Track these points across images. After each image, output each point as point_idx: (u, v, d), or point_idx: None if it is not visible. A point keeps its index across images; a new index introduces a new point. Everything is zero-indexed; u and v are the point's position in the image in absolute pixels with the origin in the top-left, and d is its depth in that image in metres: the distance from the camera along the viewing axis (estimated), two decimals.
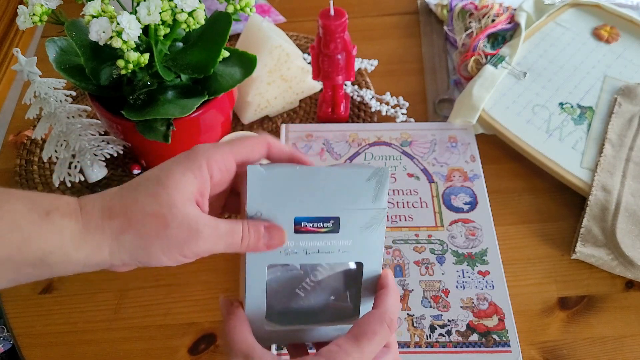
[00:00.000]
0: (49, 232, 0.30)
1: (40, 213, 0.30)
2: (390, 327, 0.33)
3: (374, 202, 0.34)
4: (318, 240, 0.34)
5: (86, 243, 0.31)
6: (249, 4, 0.53)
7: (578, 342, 0.52)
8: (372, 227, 0.35)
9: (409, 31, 0.83)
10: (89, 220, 0.31)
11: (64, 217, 0.30)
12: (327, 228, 0.34)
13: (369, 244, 0.35)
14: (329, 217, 0.34)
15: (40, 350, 0.53)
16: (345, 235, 0.34)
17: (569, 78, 0.69)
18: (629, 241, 0.55)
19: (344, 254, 0.35)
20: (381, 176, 0.34)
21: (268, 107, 0.70)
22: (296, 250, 0.34)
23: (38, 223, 0.30)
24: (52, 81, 0.60)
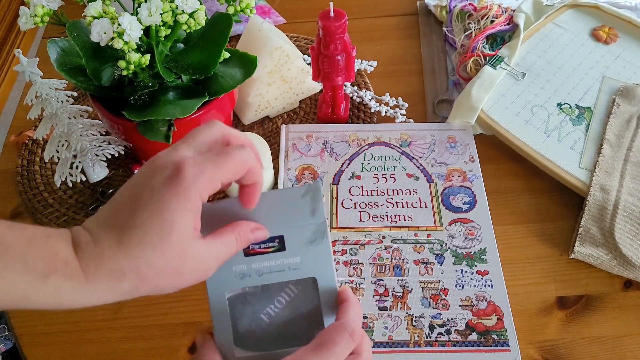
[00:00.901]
0: (48, 294, 0.30)
1: (37, 275, 0.29)
2: (352, 336, 0.34)
3: (312, 217, 0.36)
4: (268, 261, 0.36)
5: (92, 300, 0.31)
6: (249, 5, 0.54)
7: (576, 342, 0.52)
8: (316, 241, 0.36)
9: (408, 32, 0.83)
10: (96, 284, 0.30)
11: (65, 280, 0.30)
12: (274, 247, 0.36)
13: (317, 259, 0.36)
14: (273, 236, 0.36)
15: (41, 349, 0.53)
16: (292, 252, 0.36)
17: (567, 79, 0.69)
18: (627, 241, 0.55)
19: (295, 271, 0.36)
20: (314, 191, 0.36)
21: (268, 108, 0.70)
22: (250, 273, 0.36)
23: (35, 285, 0.29)
24: (53, 82, 0.61)
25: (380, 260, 0.55)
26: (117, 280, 0.31)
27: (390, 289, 0.53)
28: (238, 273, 0.36)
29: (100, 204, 0.62)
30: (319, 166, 0.63)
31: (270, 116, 0.71)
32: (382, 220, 0.58)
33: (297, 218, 0.36)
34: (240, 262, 0.36)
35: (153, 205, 0.31)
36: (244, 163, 0.33)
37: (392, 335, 0.51)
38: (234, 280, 0.36)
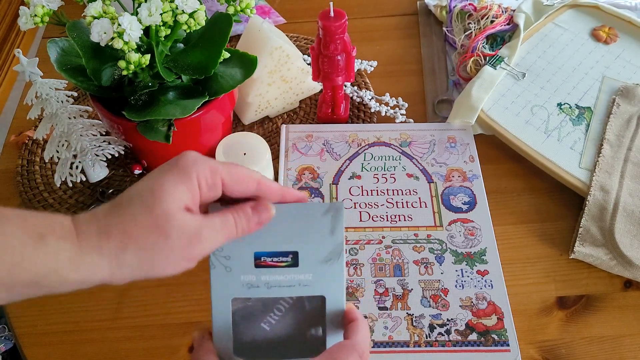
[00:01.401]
0: (43, 255, 0.29)
1: (33, 236, 0.30)
2: (361, 358, 0.33)
3: (331, 236, 0.35)
4: (279, 275, 0.35)
5: (84, 264, 0.30)
6: (249, 5, 0.54)
7: (576, 342, 0.52)
8: (331, 260, 0.36)
9: (408, 32, 0.83)
10: (86, 242, 0.31)
11: (60, 239, 0.30)
12: (286, 262, 0.35)
13: (329, 278, 0.36)
14: (287, 251, 0.35)
15: (42, 349, 0.53)
16: (304, 269, 0.35)
17: (567, 79, 0.69)
18: (627, 241, 0.55)
19: (305, 288, 0.36)
20: (336, 210, 0.35)
21: (268, 108, 0.70)
22: (258, 284, 0.35)
23: (32, 246, 0.29)
24: (53, 82, 0.61)
25: (380, 260, 0.55)
26: (106, 238, 0.31)
27: (390, 289, 0.53)
28: (246, 283, 0.35)
29: (100, 204, 0.62)
30: (319, 166, 0.63)
31: (270, 116, 0.71)
32: (382, 220, 0.58)
33: (315, 235, 0.35)
34: (250, 272, 0.35)
35: (151, 178, 0.33)
36: (250, 176, 0.34)
37: (392, 335, 0.51)
38: (241, 288, 0.35)
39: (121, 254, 0.31)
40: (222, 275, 0.35)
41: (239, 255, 0.35)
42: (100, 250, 0.31)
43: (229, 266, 0.35)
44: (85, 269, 0.31)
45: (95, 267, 0.31)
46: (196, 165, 0.32)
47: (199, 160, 0.33)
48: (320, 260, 0.35)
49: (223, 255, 0.35)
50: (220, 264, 0.35)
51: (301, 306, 0.37)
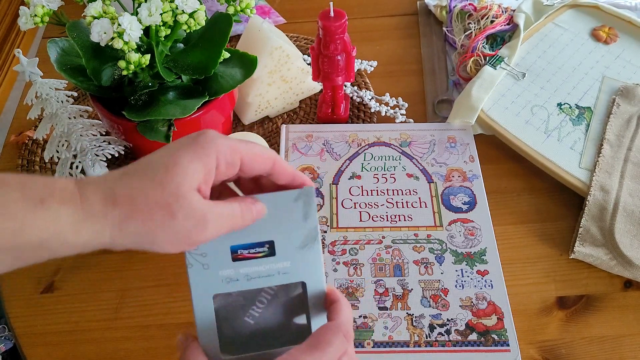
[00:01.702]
0: (44, 220, 0.29)
1: (34, 200, 0.29)
2: (346, 337, 0.33)
3: (304, 221, 0.35)
4: (257, 266, 0.35)
5: (86, 229, 0.30)
6: (249, 5, 0.54)
7: (576, 342, 0.52)
8: (307, 246, 0.35)
9: (408, 32, 0.83)
10: (90, 207, 0.30)
11: (61, 204, 0.30)
12: (263, 252, 0.35)
13: (307, 263, 0.36)
14: (263, 241, 0.35)
15: (42, 349, 0.53)
16: (282, 257, 0.35)
17: (567, 79, 0.69)
18: (627, 241, 0.55)
19: (284, 276, 0.36)
20: (307, 195, 0.35)
21: (268, 108, 0.70)
22: (237, 277, 0.35)
23: (32, 211, 0.29)
24: (53, 82, 0.61)
25: (380, 260, 0.55)
26: (112, 205, 0.30)
27: (390, 289, 0.53)
28: (225, 277, 0.35)
29: None
30: (319, 166, 0.63)
31: (270, 116, 0.71)
32: (382, 220, 0.58)
33: (288, 223, 0.35)
34: (228, 267, 0.35)
35: (167, 151, 0.32)
36: (268, 155, 0.34)
37: (392, 335, 0.51)
38: (221, 284, 0.35)
39: (125, 223, 0.30)
40: (200, 273, 0.34)
41: (215, 251, 0.34)
42: (105, 216, 0.30)
43: (206, 263, 0.34)
44: (87, 233, 0.30)
45: (97, 232, 0.30)
46: (216, 143, 0.32)
47: (220, 139, 0.32)
48: (297, 246, 0.35)
49: (199, 253, 0.34)
50: (197, 262, 0.34)
51: (283, 295, 0.37)
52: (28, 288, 0.57)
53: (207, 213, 0.31)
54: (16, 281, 0.57)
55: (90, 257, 0.59)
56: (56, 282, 0.57)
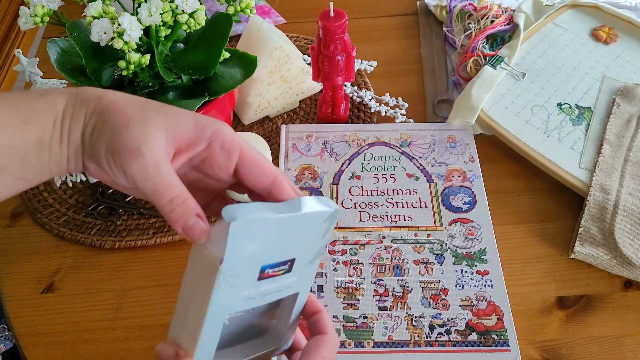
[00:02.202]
0: (43, 108, 0.31)
1: (35, 94, 0.31)
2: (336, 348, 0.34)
3: (322, 239, 0.34)
4: (274, 283, 0.34)
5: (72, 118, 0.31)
6: (249, 5, 0.54)
7: (576, 342, 0.52)
8: (314, 260, 0.35)
9: (408, 32, 0.83)
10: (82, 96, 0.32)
11: (57, 95, 0.31)
12: (284, 270, 0.34)
13: (309, 276, 0.36)
14: (287, 260, 0.33)
15: (42, 349, 0.53)
16: (295, 273, 0.34)
17: (567, 79, 0.69)
18: (627, 241, 0.55)
19: (288, 289, 0.35)
20: (334, 217, 0.34)
21: (268, 108, 0.70)
22: (255, 295, 0.33)
23: (33, 104, 0.31)
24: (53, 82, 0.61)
25: (380, 260, 0.55)
26: (98, 97, 0.31)
27: (390, 289, 0.53)
28: (245, 296, 0.33)
29: (100, 204, 0.62)
30: (319, 166, 0.63)
31: (270, 116, 0.71)
32: (382, 220, 0.58)
33: (310, 240, 0.34)
34: (252, 287, 0.33)
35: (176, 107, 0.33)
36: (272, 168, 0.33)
37: (392, 335, 0.51)
38: (240, 302, 0.33)
39: (94, 118, 0.31)
40: (225, 294, 0.32)
41: (247, 272, 0.32)
42: (87, 105, 0.31)
43: (234, 284, 0.32)
44: (72, 122, 0.31)
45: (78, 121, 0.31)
46: (218, 126, 0.32)
47: (224, 125, 0.32)
48: (307, 262, 0.35)
49: (233, 275, 0.31)
50: (227, 283, 0.31)
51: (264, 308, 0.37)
52: (28, 288, 0.57)
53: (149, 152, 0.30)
54: (16, 281, 0.57)
55: (90, 257, 0.59)
56: (56, 282, 0.57)
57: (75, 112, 0.31)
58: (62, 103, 0.31)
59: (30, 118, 0.31)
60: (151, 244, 0.59)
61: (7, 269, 0.58)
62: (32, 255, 0.59)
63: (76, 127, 0.31)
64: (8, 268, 0.58)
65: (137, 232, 0.59)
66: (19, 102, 0.31)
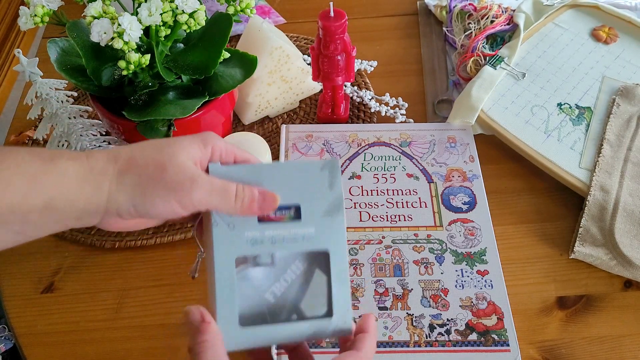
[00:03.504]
0: (53, 175, 0.31)
1: (44, 159, 0.32)
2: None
3: (330, 190, 0.36)
4: (282, 229, 0.35)
5: (89, 182, 0.32)
6: (249, 5, 0.54)
7: (576, 342, 0.52)
8: (331, 214, 0.36)
9: (408, 32, 0.83)
10: (95, 163, 0.33)
11: (69, 160, 0.32)
12: (289, 216, 0.36)
13: (331, 231, 0.36)
14: (289, 205, 0.35)
15: (42, 349, 0.53)
16: (307, 222, 0.36)
17: (567, 79, 0.69)
18: (627, 241, 0.55)
19: (308, 242, 0.36)
20: (332, 166, 0.36)
21: (268, 108, 0.70)
22: (262, 240, 0.35)
23: (42, 168, 0.31)
24: (53, 82, 0.61)
25: (380, 260, 0.55)
26: (113, 161, 0.33)
27: (390, 289, 0.53)
28: (250, 239, 0.35)
29: None
30: None
31: (270, 116, 0.71)
32: (382, 220, 0.58)
33: (314, 189, 0.36)
34: (253, 228, 0.35)
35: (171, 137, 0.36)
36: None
37: (392, 335, 0.51)
38: (246, 246, 0.35)
39: (121, 177, 0.32)
40: (225, 233, 0.34)
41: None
42: (106, 170, 0.33)
43: (232, 223, 0.34)
44: (89, 187, 0.32)
45: (98, 186, 0.32)
46: (215, 140, 0.35)
47: (218, 138, 0.36)
48: (322, 213, 0.36)
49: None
50: (223, 221, 0.34)
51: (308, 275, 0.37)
52: (28, 288, 0.57)
53: (198, 176, 0.33)
54: (16, 281, 0.57)
55: (90, 257, 0.59)
56: (56, 282, 0.57)
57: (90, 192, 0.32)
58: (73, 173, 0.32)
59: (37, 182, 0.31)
60: (151, 244, 0.59)
61: (7, 269, 0.58)
62: (32, 255, 0.59)
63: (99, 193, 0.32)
64: (8, 268, 0.58)
65: (137, 232, 0.59)
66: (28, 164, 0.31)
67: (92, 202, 0.32)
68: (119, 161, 0.33)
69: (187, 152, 0.34)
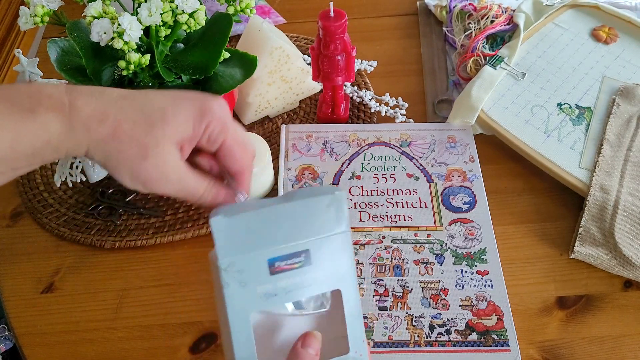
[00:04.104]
0: (36, 130, 0.31)
1: (24, 112, 0.31)
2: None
3: (337, 226, 0.35)
4: (294, 277, 0.34)
5: (70, 138, 0.32)
6: (249, 5, 0.54)
7: (576, 342, 0.52)
8: (340, 251, 0.35)
9: (408, 32, 0.83)
10: (78, 117, 0.32)
11: (48, 112, 0.32)
12: (300, 262, 0.34)
13: (341, 268, 0.35)
14: (299, 251, 0.34)
15: (42, 349, 0.53)
16: (318, 265, 0.34)
17: (567, 79, 0.69)
18: (627, 241, 0.55)
19: (321, 285, 0.35)
20: (338, 201, 0.34)
21: (268, 108, 0.70)
22: (276, 292, 0.33)
23: (22, 122, 0.31)
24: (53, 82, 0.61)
25: (380, 260, 0.55)
26: (98, 122, 0.32)
27: (390, 289, 0.53)
28: (263, 294, 0.33)
29: (100, 204, 0.62)
30: (319, 166, 0.63)
31: (270, 116, 0.71)
32: (382, 220, 0.58)
33: (322, 229, 0.34)
34: (266, 282, 0.33)
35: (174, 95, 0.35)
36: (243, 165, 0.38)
37: (392, 335, 0.51)
38: (259, 301, 0.33)
39: (103, 143, 0.33)
40: (237, 292, 0.32)
41: (251, 266, 0.33)
42: (89, 130, 0.32)
43: (243, 280, 0.33)
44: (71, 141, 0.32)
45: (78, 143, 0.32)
46: (214, 114, 0.35)
47: (219, 113, 0.36)
48: (331, 252, 0.35)
49: (236, 270, 0.32)
50: (234, 280, 0.32)
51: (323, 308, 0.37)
52: (28, 288, 0.57)
53: (172, 172, 0.34)
54: (16, 281, 0.57)
55: (90, 257, 0.59)
56: (56, 282, 0.57)
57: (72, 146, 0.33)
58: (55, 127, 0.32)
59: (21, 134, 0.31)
60: (151, 244, 0.59)
61: (7, 269, 0.58)
62: (32, 255, 0.59)
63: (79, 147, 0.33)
64: (8, 268, 0.58)
65: (137, 232, 0.59)
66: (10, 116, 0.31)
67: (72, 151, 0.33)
68: (104, 124, 0.32)
69: (176, 135, 0.34)
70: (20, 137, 0.31)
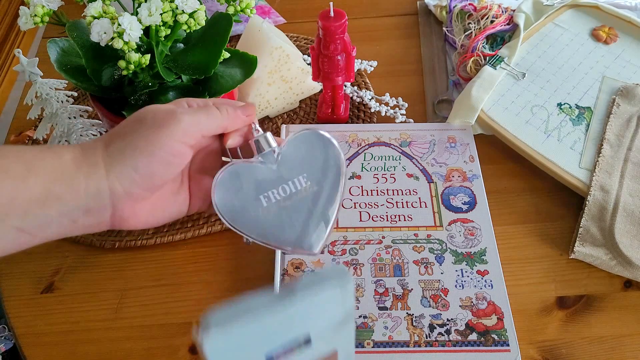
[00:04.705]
0: (49, 158, 0.32)
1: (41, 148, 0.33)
2: None
3: (341, 307, 0.32)
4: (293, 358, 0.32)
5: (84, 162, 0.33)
6: (249, 5, 0.54)
7: (576, 342, 0.52)
8: (342, 325, 0.34)
9: (408, 32, 0.83)
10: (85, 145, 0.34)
11: (63, 147, 0.34)
12: (299, 347, 0.32)
13: (340, 336, 0.35)
14: (299, 338, 0.32)
15: (42, 349, 0.53)
16: (317, 343, 0.33)
17: (567, 79, 0.69)
18: (627, 241, 0.55)
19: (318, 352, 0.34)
20: (344, 284, 0.31)
21: (268, 108, 0.70)
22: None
23: (39, 154, 0.32)
24: (53, 82, 0.61)
25: (380, 260, 0.55)
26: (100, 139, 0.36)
27: (390, 289, 0.53)
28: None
29: None
30: None
31: (270, 116, 0.71)
32: (382, 220, 0.58)
33: (324, 313, 0.32)
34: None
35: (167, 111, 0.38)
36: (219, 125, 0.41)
37: (392, 335, 0.51)
38: None
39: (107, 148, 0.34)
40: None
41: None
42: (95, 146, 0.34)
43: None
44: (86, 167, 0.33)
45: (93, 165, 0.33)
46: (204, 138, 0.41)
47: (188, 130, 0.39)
48: (332, 328, 0.33)
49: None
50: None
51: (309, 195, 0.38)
52: (28, 288, 0.57)
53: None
54: (16, 281, 0.57)
55: (90, 257, 0.59)
56: (56, 282, 0.57)
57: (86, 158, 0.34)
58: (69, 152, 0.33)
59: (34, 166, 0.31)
60: (151, 244, 0.59)
61: (7, 269, 0.58)
62: (32, 255, 0.59)
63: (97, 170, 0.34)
64: (8, 268, 0.58)
65: (137, 232, 0.59)
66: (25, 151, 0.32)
67: (91, 182, 0.32)
68: (104, 137, 0.35)
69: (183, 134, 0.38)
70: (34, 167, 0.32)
